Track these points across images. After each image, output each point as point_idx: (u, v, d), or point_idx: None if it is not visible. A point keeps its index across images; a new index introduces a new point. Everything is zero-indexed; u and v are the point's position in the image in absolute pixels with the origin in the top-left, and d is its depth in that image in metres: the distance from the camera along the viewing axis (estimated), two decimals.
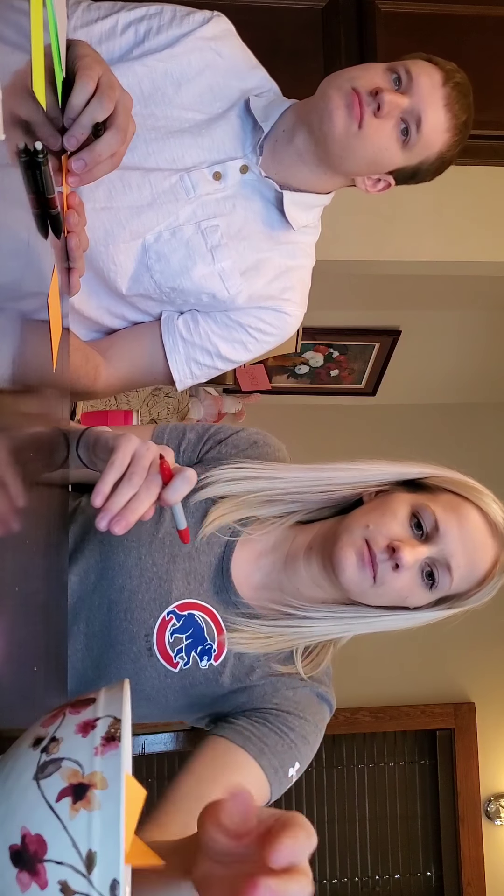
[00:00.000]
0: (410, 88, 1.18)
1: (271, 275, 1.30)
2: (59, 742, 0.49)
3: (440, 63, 1.22)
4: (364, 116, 1.16)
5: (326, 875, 3.35)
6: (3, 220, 0.54)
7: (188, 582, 1.05)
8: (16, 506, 0.58)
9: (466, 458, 4.22)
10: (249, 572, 1.08)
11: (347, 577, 1.00)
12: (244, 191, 1.27)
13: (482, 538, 1.02)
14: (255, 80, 1.31)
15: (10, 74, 0.55)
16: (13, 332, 0.57)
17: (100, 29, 1.23)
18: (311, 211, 1.31)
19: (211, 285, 1.26)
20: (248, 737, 0.99)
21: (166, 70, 1.23)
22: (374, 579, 0.99)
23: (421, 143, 1.21)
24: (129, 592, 1.03)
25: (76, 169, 0.91)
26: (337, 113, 1.16)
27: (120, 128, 0.92)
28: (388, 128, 1.18)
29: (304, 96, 1.28)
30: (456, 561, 1.00)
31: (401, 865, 3.38)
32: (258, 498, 1.09)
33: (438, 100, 1.19)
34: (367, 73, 1.20)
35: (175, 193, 1.23)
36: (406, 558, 0.97)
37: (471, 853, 3.29)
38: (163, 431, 1.18)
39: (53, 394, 0.85)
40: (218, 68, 1.27)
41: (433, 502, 1.02)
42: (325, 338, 3.21)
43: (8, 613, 0.55)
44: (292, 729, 1.02)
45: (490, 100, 2.25)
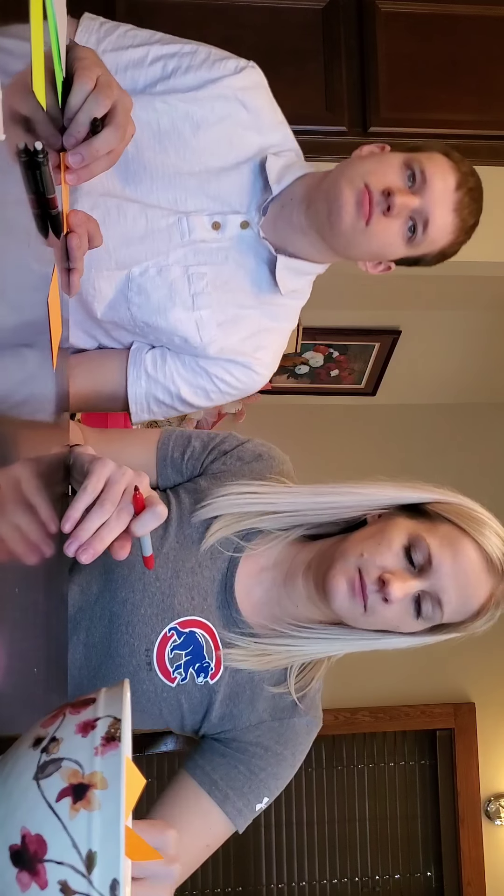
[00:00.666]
0: (423, 189, 1.17)
1: (248, 332, 1.30)
2: (59, 742, 0.49)
3: (457, 162, 1.21)
4: (372, 216, 1.16)
5: (326, 875, 3.35)
6: (3, 221, 0.54)
7: (192, 597, 1.05)
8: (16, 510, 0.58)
9: (466, 458, 4.23)
10: (250, 587, 1.09)
11: (338, 605, 1.01)
12: (239, 246, 1.26)
13: (476, 574, 1.01)
14: (276, 136, 1.29)
15: (11, 74, 0.55)
16: (13, 332, 0.57)
17: (129, 56, 1.22)
18: (302, 277, 1.31)
19: (185, 330, 1.25)
20: (215, 781, 1.04)
21: (187, 112, 1.22)
22: (365, 608, 1.00)
23: (426, 242, 1.21)
24: (132, 606, 1.04)
25: (73, 163, 0.90)
26: (346, 209, 1.16)
27: (118, 125, 0.92)
28: (396, 226, 1.18)
29: (304, 96, 1.28)
30: (447, 596, 1.00)
31: (401, 865, 3.38)
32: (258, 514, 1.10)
33: (449, 203, 1.19)
34: (382, 167, 1.19)
35: (170, 233, 1.23)
36: (395, 593, 0.98)
37: (471, 853, 3.29)
38: (168, 438, 1.17)
39: (53, 395, 0.85)
40: (240, 120, 1.25)
41: (430, 534, 1.02)
42: (325, 338, 3.21)
43: (8, 619, 0.55)
44: (264, 769, 1.05)
45: (490, 100, 2.25)
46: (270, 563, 1.10)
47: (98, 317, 1.27)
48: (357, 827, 3.38)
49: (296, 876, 3.33)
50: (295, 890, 3.33)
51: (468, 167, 1.23)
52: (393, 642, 1.06)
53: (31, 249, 0.66)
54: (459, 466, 3.62)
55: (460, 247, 1.27)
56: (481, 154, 2.26)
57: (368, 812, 3.39)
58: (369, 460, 3.59)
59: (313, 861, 3.35)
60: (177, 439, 1.17)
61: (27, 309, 0.63)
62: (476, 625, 1.04)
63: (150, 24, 1.28)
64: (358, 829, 3.39)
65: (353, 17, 2.22)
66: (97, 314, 1.27)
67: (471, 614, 1.03)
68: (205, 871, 3.26)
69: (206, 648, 1.05)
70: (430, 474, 3.92)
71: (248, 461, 1.16)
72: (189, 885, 3.26)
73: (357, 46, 2.22)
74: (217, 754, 1.06)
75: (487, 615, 1.03)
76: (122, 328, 1.29)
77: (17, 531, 0.58)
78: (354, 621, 1.03)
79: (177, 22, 2.10)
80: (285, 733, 1.07)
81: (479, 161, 2.26)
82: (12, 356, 0.57)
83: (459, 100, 2.23)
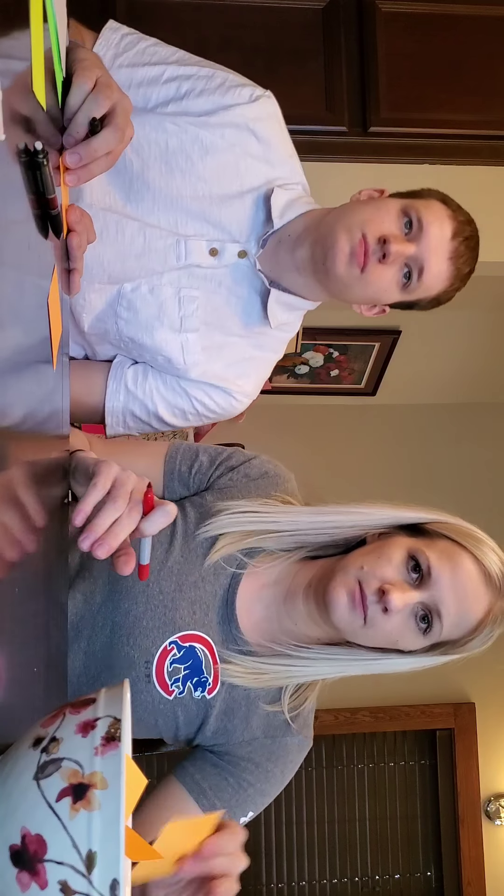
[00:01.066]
0: (419, 237, 1.18)
1: (232, 359, 1.30)
2: (59, 742, 0.49)
3: (454, 210, 1.22)
4: (368, 264, 1.17)
5: (326, 875, 3.35)
6: (3, 221, 0.54)
7: (193, 612, 1.06)
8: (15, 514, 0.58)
9: (466, 458, 4.22)
10: (251, 604, 1.09)
11: (338, 617, 1.01)
12: (234, 274, 1.26)
13: (475, 587, 1.01)
14: (285, 169, 1.29)
15: (11, 74, 0.55)
16: (12, 333, 0.57)
17: (144, 74, 1.22)
18: (293, 312, 1.31)
19: (170, 350, 1.25)
20: (204, 790, 1.04)
21: (197, 135, 1.21)
22: (365, 620, 1.00)
23: (421, 289, 1.22)
24: (134, 618, 1.04)
25: (71, 163, 0.90)
26: (341, 256, 1.17)
27: (117, 126, 0.91)
28: (391, 273, 1.19)
29: (304, 96, 1.28)
30: (446, 608, 1.00)
31: (401, 865, 3.38)
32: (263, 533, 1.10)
33: (444, 252, 1.19)
34: (379, 214, 1.19)
35: (166, 255, 1.23)
36: (395, 602, 0.98)
37: (471, 853, 3.29)
38: (176, 451, 1.17)
39: (53, 396, 0.85)
40: (249, 149, 1.25)
41: (429, 548, 1.02)
42: (325, 338, 3.21)
43: (6, 622, 0.55)
44: (252, 784, 1.05)
45: (490, 100, 2.25)
46: (272, 580, 1.10)
47: (84, 329, 1.27)
48: (357, 827, 3.38)
49: (296, 876, 3.33)
50: (295, 890, 3.33)
51: (465, 216, 1.24)
52: (392, 664, 1.06)
53: (31, 250, 0.66)
54: (460, 466, 3.62)
55: (455, 293, 1.28)
56: (481, 154, 2.27)
57: (368, 812, 3.39)
58: (369, 460, 3.60)
59: (313, 861, 3.35)
60: (184, 453, 1.17)
61: (27, 311, 0.63)
62: (474, 643, 1.03)
63: (149, 24, 1.28)
64: (358, 829, 3.39)
65: (353, 17, 2.22)
66: (83, 326, 1.27)
67: (469, 629, 1.02)
68: None
69: (204, 663, 1.05)
70: (430, 474, 3.94)
71: (254, 478, 1.16)
72: None
73: (357, 46, 2.22)
74: (208, 764, 1.06)
75: (485, 632, 1.03)
76: (106, 342, 1.30)
77: (10, 534, 0.58)
78: (354, 635, 1.03)
79: (177, 22, 2.10)
80: (277, 751, 1.07)
81: (480, 161, 2.28)
82: (12, 356, 0.57)
83: (459, 100, 2.23)
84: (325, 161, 2.18)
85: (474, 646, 1.04)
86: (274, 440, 3.45)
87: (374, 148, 2.23)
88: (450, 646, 1.04)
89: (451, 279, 1.23)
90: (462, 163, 2.27)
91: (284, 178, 1.28)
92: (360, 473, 3.56)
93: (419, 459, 3.62)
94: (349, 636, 1.04)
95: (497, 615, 1.03)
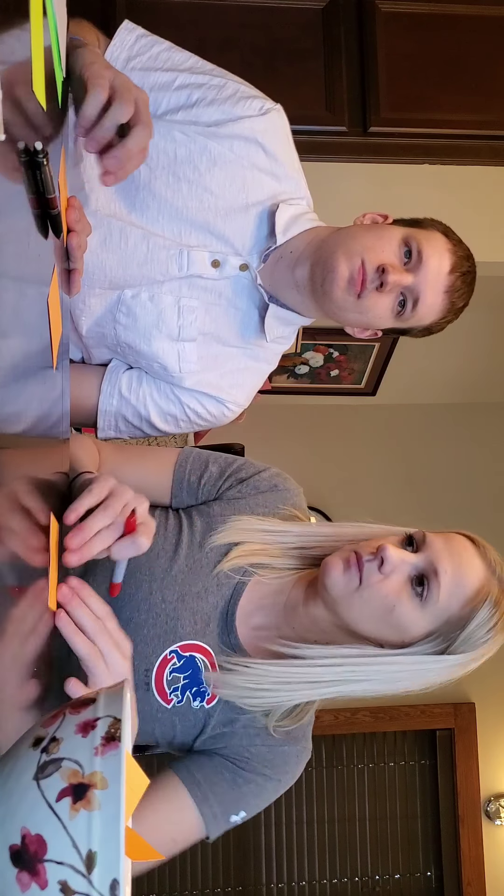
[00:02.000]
0: (418, 268, 1.19)
1: (227, 370, 1.31)
2: (59, 742, 0.49)
3: (454, 244, 1.23)
4: (364, 291, 1.18)
5: (326, 875, 3.35)
6: (3, 221, 0.54)
7: (195, 622, 1.05)
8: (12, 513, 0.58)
9: (467, 458, 4.22)
10: (251, 613, 1.08)
11: (333, 581, 0.99)
12: (235, 286, 1.27)
13: (470, 555, 1.02)
14: (290, 184, 1.29)
15: (10, 74, 0.55)
16: (13, 333, 0.57)
17: (156, 79, 1.22)
18: (289, 326, 1.32)
19: (166, 358, 1.26)
20: (198, 781, 1.03)
21: (206, 146, 1.21)
22: (360, 580, 0.99)
23: (414, 318, 1.24)
24: (136, 626, 1.04)
25: (111, 167, 0.92)
26: (339, 282, 1.18)
27: (145, 123, 0.94)
28: (387, 301, 1.20)
29: (304, 96, 1.28)
30: (443, 566, 0.99)
31: (401, 865, 3.38)
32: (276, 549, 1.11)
33: (441, 285, 1.21)
34: (380, 243, 1.19)
35: (168, 264, 1.23)
36: (389, 553, 0.98)
37: (471, 853, 3.29)
38: (186, 460, 1.16)
39: (53, 396, 0.85)
40: (257, 162, 1.25)
41: (426, 531, 1.05)
42: (325, 338, 3.21)
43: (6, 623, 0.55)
44: (248, 783, 1.04)
45: (490, 100, 2.25)
46: (273, 590, 1.10)
47: (82, 333, 1.28)
48: (357, 827, 3.38)
49: (296, 876, 3.33)
50: (295, 890, 3.32)
51: (465, 251, 1.24)
52: (392, 661, 1.02)
53: (31, 249, 0.66)
54: (460, 466, 3.62)
55: (447, 325, 1.30)
56: (481, 154, 2.27)
57: (368, 812, 3.39)
58: (369, 460, 3.60)
59: (313, 861, 3.35)
60: (194, 462, 1.16)
61: (27, 313, 0.63)
62: (471, 627, 1.00)
63: (149, 24, 1.27)
64: (358, 829, 3.38)
65: (353, 17, 2.22)
66: (82, 330, 1.27)
67: (466, 597, 1.00)
68: (205, 870, 3.26)
69: (203, 673, 1.05)
70: (430, 474, 3.94)
71: (263, 491, 1.15)
72: (189, 885, 3.26)
73: (357, 46, 2.22)
74: (205, 757, 1.06)
75: (483, 612, 1.00)
76: (103, 346, 1.30)
77: (13, 534, 0.58)
78: (349, 603, 1.00)
79: (177, 22, 2.10)
80: (275, 759, 1.06)
81: (480, 161, 2.28)
82: (12, 357, 0.57)
83: (459, 100, 2.23)
84: (324, 161, 2.18)
85: (475, 634, 1.00)
86: (274, 440, 3.45)
87: (374, 148, 2.23)
88: (449, 629, 1.00)
89: (444, 312, 1.25)
90: (462, 163, 2.28)
91: (289, 193, 1.29)
92: (359, 473, 3.56)
93: (419, 459, 3.62)
94: (344, 608, 1.01)
95: (493, 594, 1.01)
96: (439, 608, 1.00)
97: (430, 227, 1.23)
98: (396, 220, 1.27)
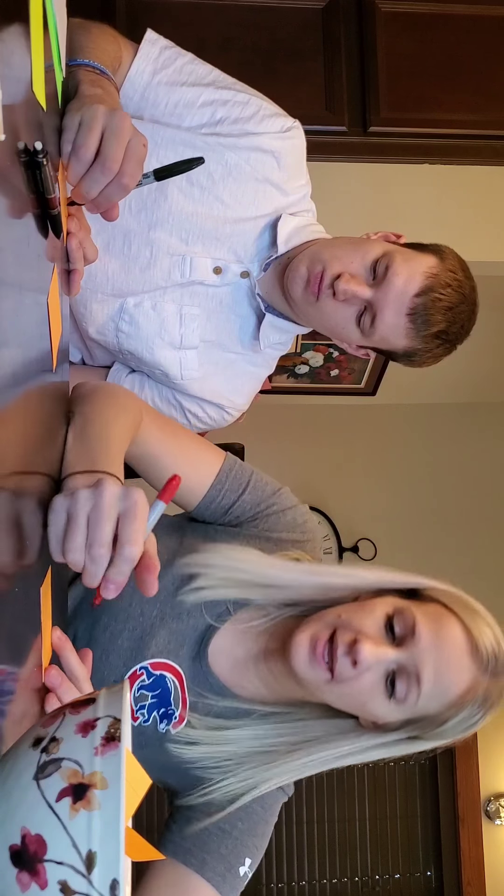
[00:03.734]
0: (381, 284, 1.16)
1: (227, 376, 1.32)
2: (59, 742, 0.49)
3: (444, 271, 1.18)
4: (321, 294, 1.17)
5: (326, 875, 3.35)
6: (3, 221, 0.54)
7: (169, 641, 1.01)
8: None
9: (466, 458, 4.21)
10: (232, 643, 1.03)
11: (297, 666, 0.93)
12: (235, 293, 1.28)
13: (459, 655, 0.92)
14: (296, 195, 1.30)
15: (10, 74, 0.55)
16: (13, 332, 0.57)
17: (181, 96, 1.21)
18: (285, 334, 1.33)
19: (168, 366, 1.27)
20: (189, 848, 0.97)
21: (223, 155, 1.21)
22: (333, 674, 0.91)
23: (376, 336, 1.20)
24: (111, 635, 1.00)
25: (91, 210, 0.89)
26: (298, 281, 1.18)
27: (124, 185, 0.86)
28: (344, 310, 1.19)
29: (304, 96, 1.28)
30: (426, 672, 0.91)
31: (401, 865, 3.38)
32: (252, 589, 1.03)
33: (401, 306, 1.17)
34: (350, 255, 1.18)
35: (171, 270, 1.23)
36: (364, 653, 0.89)
37: (471, 853, 3.29)
38: (228, 472, 1.08)
39: (53, 395, 0.85)
40: (271, 177, 1.25)
41: (417, 608, 0.94)
42: (325, 338, 3.21)
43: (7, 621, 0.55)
44: (235, 825, 0.99)
45: (490, 100, 2.25)
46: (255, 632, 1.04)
47: (91, 336, 1.28)
48: (357, 827, 3.38)
49: (296, 876, 3.33)
50: (295, 890, 3.33)
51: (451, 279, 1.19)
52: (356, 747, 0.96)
53: (31, 249, 0.66)
54: (460, 466, 3.62)
55: (433, 358, 1.26)
56: (481, 154, 2.27)
57: (368, 812, 3.39)
58: (369, 460, 3.59)
59: (313, 861, 3.35)
60: (234, 480, 1.08)
61: (27, 312, 0.63)
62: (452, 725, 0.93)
63: (149, 24, 1.27)
64: (358, 829, 3.38)
65: (353, 17, 2.22)
66: (90, 332, 1.28)
67: (448, 703, 0.92)
68: None
69: (173, 695, 1.00)
70: (430, 474, 3.94)
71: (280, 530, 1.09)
72: None
73: (357, 46, 2.22)
74: (183, 822, 1.00)
75: (465, 713, 0.92)
76: (105, 349, 1.31)
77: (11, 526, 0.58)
78: (319, 691, 0.94)
79: (176, 22, 2.10)
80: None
81: (479, 161, 2.28)
82: (11, 357, 0.57)
83: (459, 100, 2.24)
84: (324, 161, 2.18)
85: (453, 730, 0.93)
86: (274, 440, 3.45)
87: (374, 148, 2.23)
88: (426, 724, 0.94)
89: (410, 337, 1.20)
90: (462, 163, 2.28)
91: (296, 206, 1.29)
92: (359, 473, 3.56)
93: (419, 459, 3.62)
94: (312, 691, 0.95)
95: (480, 694, 0.93)
96: (415, 709, 0.93)
97: (428, 252, 1.21)
98: (409, 244, 1.25)
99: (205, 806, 0.99)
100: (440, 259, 1.20)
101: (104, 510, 0.70)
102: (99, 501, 0.71)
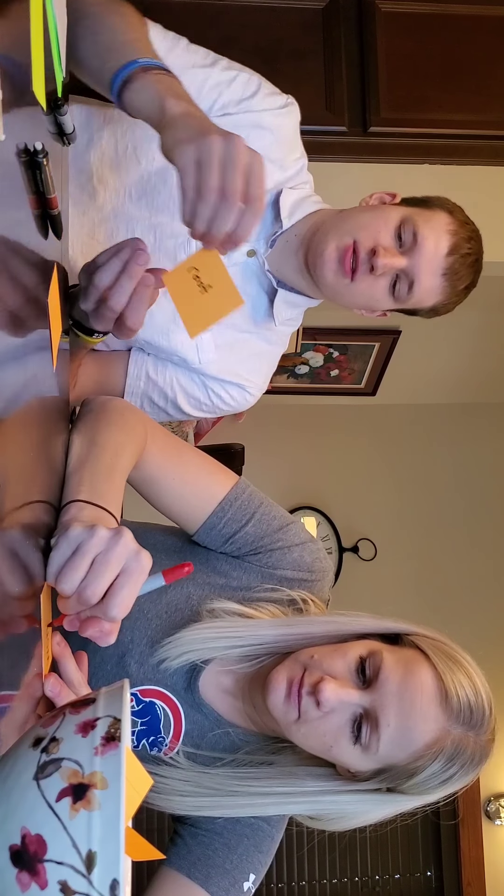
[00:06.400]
0: (412, 251, 1.17)
1: (244, 355, 1.32)
2: (59, 742, 0.49)
3: (458, 225, 1.19)
4: (357, 273, 1.16)
5: (326, 875, 3.35)
6: (3, 221, 0.54)
7: (158, 669, 0.99)
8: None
9: (466, 459, 4.21)
10: (221, 673, 1.02)
11: (272, 704, 0.92)
12: (244, 272, 1.27)
13: (425, 703, 0.89)
14: (294, 169, 1.30)
15: (10, 74, 0.55)
16: (13, 332, 0.57)
17: (194, 76, 1.19)
18: (296, 309, 1.33)
19: (185, 351, 1.27)
20: (193, 862, 0.97)
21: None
22: (299, 715, 0.91)
23: (413, 300, 1.21)
24: (101, 659, 0.99)
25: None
26: (329, 265, 1.17)
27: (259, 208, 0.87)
28: (381, 284, 1.18)
29: (304, 96, 1.28)
30: (385, 717, 0.89)
31: (401, 865, 3.38)
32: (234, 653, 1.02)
33: (438, 268, 1.18)
34: (375, 224, 1.17)
35: (176, 252, 1.23)
36: (326, 693, 0.88)
37: (471, 853, 3.28)
38: (234, 500, 1.06)
39: (53, 395, 0.85)
40: (269, 153, 1.23)
41: (391, 652, 0.93)
42: (325, 338, 3.21)
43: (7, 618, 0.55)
44: (240, 842, 0.99)
45: (490, 100, 2.25)
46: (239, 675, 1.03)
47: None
48: (357, 827, 3.38)
49: (296, 876, 3.33)
50: (295, 890, 3.32)
51: (469, 231, 1.21)
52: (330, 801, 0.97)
53: (31, 249, 0.66)
54: (459, 467, 3.62)
55: (454, 306, 1.27)
56: (481, 154, 2.27)
57: None
58: (369, 460, 3.60)
59: (313, 861, 3.34)
60: (242, 505, 1.06)
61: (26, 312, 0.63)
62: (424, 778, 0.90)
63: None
64: (358, 829, 3.37)
65: (353, 17, 2.22)
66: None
67: (413, 753, 0.89)
68: None
69: (163, 723, 0.99)
70: (430, 474, 3.93)
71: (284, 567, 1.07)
72: None
73: (357, 46, 2.22)
74: (189, 837, 0.99)
75: (437, 765, 0.89)
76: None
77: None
78: (288, 731, 0.94)
79: (177, 22, 2.09)
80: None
81: (480, 161, 2.28)
82: (12, 357, 0.57)
83: (459, 100, 2.23)
84: (324, 161, 2.18)
85: (426, 783, 0.91)
86: (274, 440, 3.45)
87: (374, 148, 2.23)
88: (396, 774, 0.92)
89: (445, 294, 1.22)
90: (462, 163, 2.28)
91: (293, 178, 1.29)
92: (359, 473, 3.56)
93: (419, 459, 3.62)
94: (285, 731, 0.95)
95: (449, 746, 0.89)
96: (380, 756, 0.91)
97: (436, 207, 1.22)
98: (404, 200, 1.26)
99: (207, 822, 1.00)
100: (449, 213, 1.21)
101: (111, 563, 0.71)
102: (110, 553, 0.72)
